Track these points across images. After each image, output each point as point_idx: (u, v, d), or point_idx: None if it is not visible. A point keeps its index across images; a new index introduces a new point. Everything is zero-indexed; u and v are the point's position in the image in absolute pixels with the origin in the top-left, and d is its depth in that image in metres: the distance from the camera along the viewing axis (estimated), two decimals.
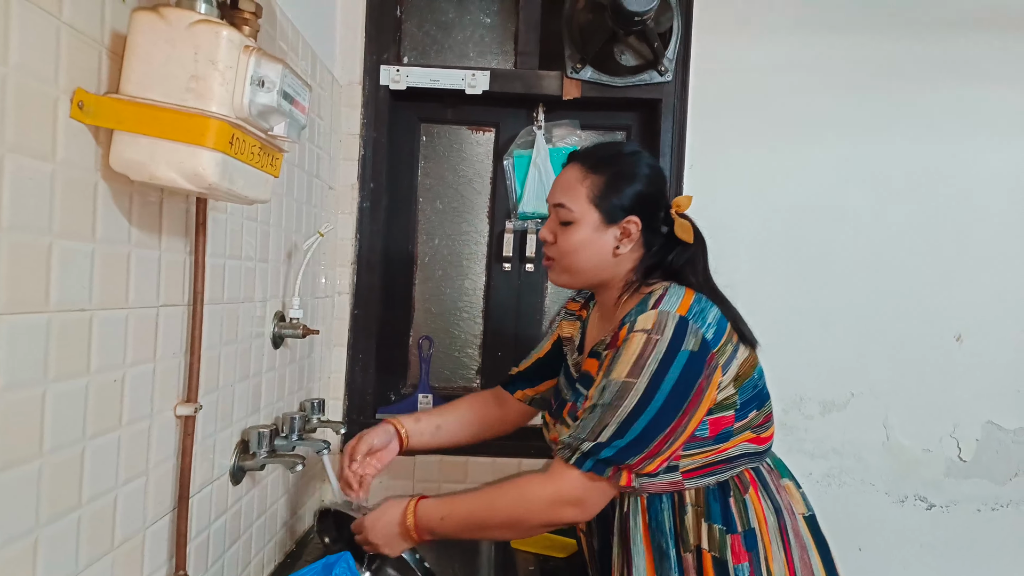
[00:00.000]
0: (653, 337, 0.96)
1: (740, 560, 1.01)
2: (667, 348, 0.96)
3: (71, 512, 0.71)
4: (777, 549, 1.04)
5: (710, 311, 1.02)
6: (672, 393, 0.95)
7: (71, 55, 0.67)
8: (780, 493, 1.10)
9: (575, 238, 1.09)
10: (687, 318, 0.98)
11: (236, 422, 1.11)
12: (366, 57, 1.69)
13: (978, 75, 1.71)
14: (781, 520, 1.06)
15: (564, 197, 1.10)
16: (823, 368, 1.72)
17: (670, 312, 0.98)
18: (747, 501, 1.05)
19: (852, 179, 1.72)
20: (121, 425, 0.79)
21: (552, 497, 1.00)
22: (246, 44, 0.72)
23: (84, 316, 0.71)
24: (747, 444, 1.05)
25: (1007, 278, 1.72)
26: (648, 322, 0.98)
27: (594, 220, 1.08)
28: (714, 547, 1.02)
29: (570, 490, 0.99)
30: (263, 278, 1.20)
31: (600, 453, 0.96)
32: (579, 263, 1.10)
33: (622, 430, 0.95)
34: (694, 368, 0.96)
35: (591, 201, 1.08)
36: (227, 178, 0.73)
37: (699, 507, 1.04)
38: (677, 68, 1.70)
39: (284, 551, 1.39)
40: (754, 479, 1.07)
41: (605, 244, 1.09)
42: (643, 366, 0.95)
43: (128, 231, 0.77)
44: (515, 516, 1.02)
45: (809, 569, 1.06)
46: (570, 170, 1.12)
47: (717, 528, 1.02)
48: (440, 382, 1.88)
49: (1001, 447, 1.73)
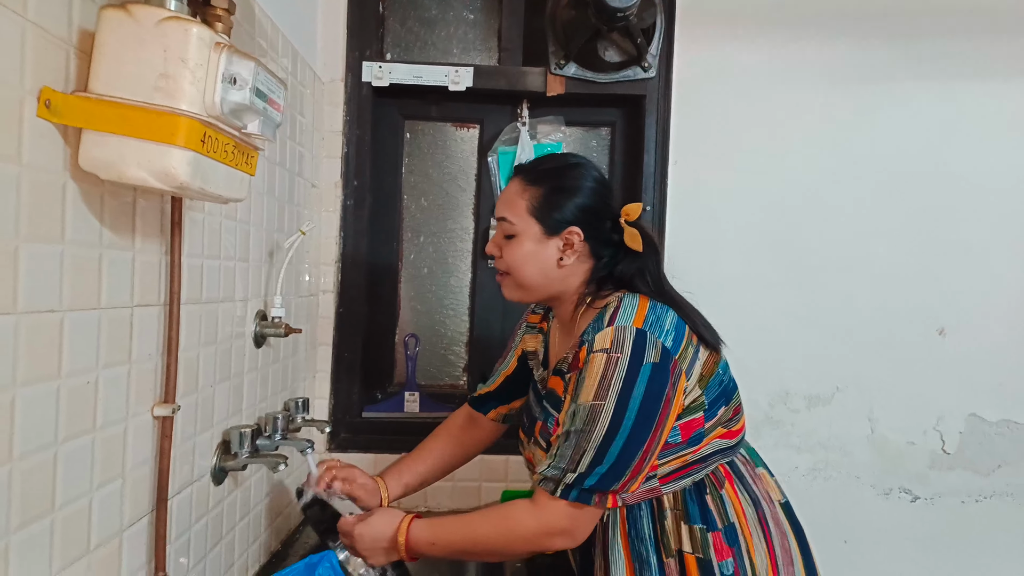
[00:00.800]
0: (613, 356, 0.96)
1: (724, 556, 1.02)
2: (629, 365, 0.96)
3: (43, 517, 0.70)
4: (758, 540, 1.05)
5: (666, 317, 1.02)
6: (641, 409, 0.95)
7: (37, 54, 0.66)
8: (756, 483, 1.11)
9: (518, 251, 1.09)
10: (644, 330, 0.98)
11: (217, 423, 1.11)
12: (348, 54, 1.68)
13: (962, 71, 1.72)
14: (759, 510, 1.07)
15: (506, 211, 1.11)
16: (808, 362, 1.73)
17: (626, 327, 0.98)
18: (724, 496, 1.05)
19: (836, 174, 1.73)
20: (95, 428, 0.78)
21: (540, 529, 1.00)
22: (217, 41, 0.71)
23: (54, 318, 0.70)
24: (719, 440, 1.06)
25: (990, 273, 1.73)
26: (606, 340, 0.98)
27: (535, 232, 1.09)
28: (696, 548, 1.02)
29: (557, 521, 0.99)
30: (244, 277, 1.19)
31: (584, 483, 0.96)
32: (526, 276, 1.10)
33: (599, 455, 0.95)
34: (659, 380, 0.96)
35: (531, 213, 1.09)
36: (199, 177, 0.72)
37: (678, 510, 1.04)
38: (661, 64, 1.69)
39: (269, 551, 1.38)
40: (729, 473, 1.08)
41: (548, 256, 1.09)
42: (608, 387, 0.96)
43: (99, 232, 0.76)
44: (504, 546, 1.04)
45: (789, 556, 1.07)
46: (512, 184, 1.13)
47: (697, 528, 1.03)
48: (427, 380, 1.88)
49: (984, 439, 1.75)
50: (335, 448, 1.68)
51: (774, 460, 1.68)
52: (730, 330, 1.17)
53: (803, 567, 1.09)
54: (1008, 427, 1.75)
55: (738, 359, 1.19)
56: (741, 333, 1.68)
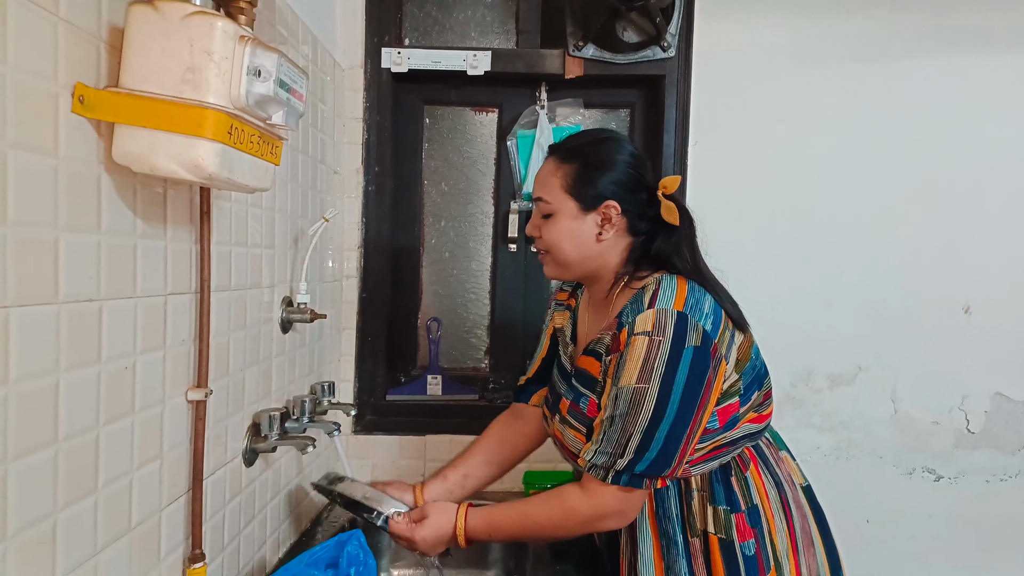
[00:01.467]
0: (656, 338, 0.96)
1: (746, 537, 1.03)
2: (671, 348, 0.95)
3: (88, 496, 0.73)
4: (780, 522, 1.06)
5: (705, 301, 1.02)
6: (685, 392, 0.95)
7: (70, 50, 0.68)
8: (780, 466, 1.12)
9: (556, 228, 1.09)
10: (685, 313, 0.97)
11: (247, 406, 1.14)
12: (367, 40, 1.69)
13: (981, 44, 1.68)
14: (782, 493, 1.08)
15: (541, 190, 1.12)
16: (831, 342, 1.72)
17: (668, 309, 0.98)
18: (748, 478, 1.07)
19: (858, 151, 1.70)
20: (134, 411, 0.81)
21: (594, 514, 1.03)
22: (241, 34, 0.73)
23: (93, 307, 0.73)
24: (749, 424, 1.06)
25: (1015, 249, 1.70)
26: (647, 323, 0.97)
27: (571, 209, 1.08)
28: (719, 528, 1.04)
29: (609, 505, 1.02)
30: (270, 264, 1.21)
31: (634, 468, 0.98)
32: (565, 253, 1.10)
33: (646, 440, 0.96)
34: (701, 363, 0.96)
35: (565, 190, 1.09)
36: (227, 167, 0.74)
37: (704, 491, 1.06)
38: (680, 44, 1.68)
39: (299, 529, 1.42)
40: (754, 455, 1.09)
41: (586, 232, 1.09)
42: (652, 369, 0.95)
43: (133, 222, 0.79)
44: (557, 530, 1.08)
45: (809, 538, 1.09)
46: (546, 163, 1.14)
47: (722, 509, 1.05)
48: (449, 363, 1.90)
49: (1010, 418, 1.73)
50: (361, 430, 1.72)
51: (796, 440, 1.70)
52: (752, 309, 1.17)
53: (824, 550, 1.10)
54: None
55: (760, 339, 1.19)
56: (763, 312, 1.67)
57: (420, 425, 1.74)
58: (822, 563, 1.09)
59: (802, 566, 1.06)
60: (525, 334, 1.86)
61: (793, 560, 1.05)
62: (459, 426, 1.72)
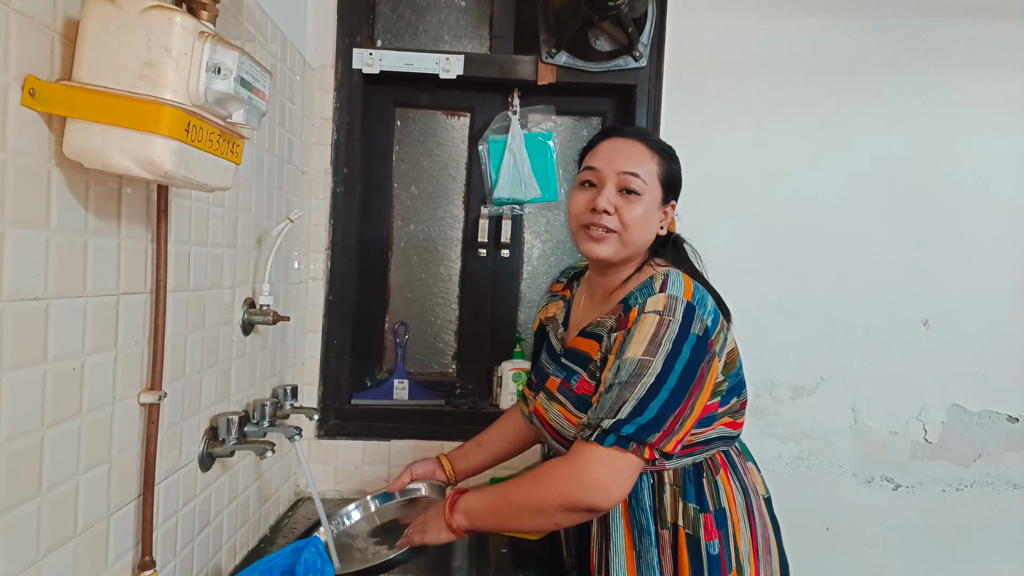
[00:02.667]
0: (666, 318, 0.98)
1: (712, 537, 1.06)
2: (679, 330, 0.98)
3: (30, 500, 0.71)
4: (744, 527, 1.09)
5: (707, 300, 1.05)
6: (683, 374, 0.97)
7: (21, 42, 0.66)
8: (747, 475, 1.15)
9: (640, 210, 1.09)
10: (693, 304, 1.01)
11: (204, 409, 1.11)
12: (338, 40, 1.67)
13: (949, 65, 1.73)
14: (748, 500, 1.11)
15: (639, 167, 1.09)
16: (793, 353, 1.75)
17: (678, 297, 1.01)
18: (718, 482, 1.10)
19: (824, 166, 1.73)
20: (81, 413, 0.79)
21: (575, 480, 0.96)
22: (201, 30, 0.72)
23: (39, 305, 0.70)
24: (723, 428, 1.10)
25: (974, 265, 1.75)
26: (659, 304, 1.00)
27: (656, 197, 1.11)
28: (688, 525, 1.06)
29: (592, 470, 0.96)
30: (231, 264, 1.19)
31: (621, 429, 0.95)
32: (640, 235, 1.10)
33: (641, 407, 0.95)
34: (700, 351, 0.99)
35: (659, 178, 1.11)
36: (184, 165, 0.73)
37: (676, 486, 1.08)
38: (652, 54, 1.69)
39: (258, 536, 1.39)
40: (724, 461, 1.12)
41: (655, 223, 1.13)
42: (659, 344, 0.97)
43: (85, 219, 0.77)
44: (539, 503, 0.99)
45: (768, 546, 1.12)
46: (631, 144, 1.12)
47: (692, 507, 1.07)
48: (416, 367, 1.89)
49: (966, 430, 1.77)
50: (324, 435, 1.69)
51: (759, 449, 1.72)
52: None
53: (778, 560, 1.14)
54: (990, 417, 1.77)
55: None
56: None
57: (385, 430, 1.72)
58: (775, 571, 1.12)
59: (761, 571, 1.09)
60: (493, 340, 1.86)
61: (754, 564, 1.08)
62: (425, 431, 1.70)
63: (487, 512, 1.05)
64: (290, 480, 1.60)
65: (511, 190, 1.74)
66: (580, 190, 1.13)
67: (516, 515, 1.03)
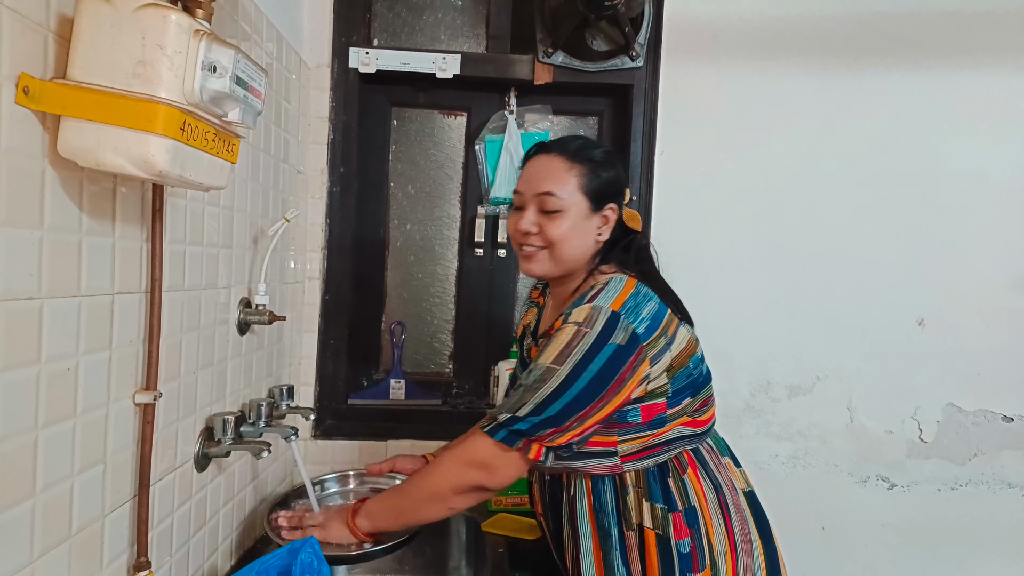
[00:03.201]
0: (583, 330, 1.00)
1: (682, 536, 1.06)
2: (594, 341, 0.99)
3: (24, 501, 0.71)
4: (718, 523, 1.08)
5: (646, 306, 1.05)
6: (592, 381, 0.99)
7: (14, 40, 0.66)
8: (720, 471, 1.14)
9: (565, 226, 1.10)
10: (619, 313, 1.01)
11: (200, 409, 1.11)
12: (335, 39, 1.67)
13: (941, 63, 1.73)
14: (721, 496, 1.10)
15: (553, 185, 1.11)
16: (789, 352, 1.75)
17: (603, 307, 1.02)
18: (686, 480, 1.09)
19: (820, 165, 1.74)
20: (76, 414, 0.78)
21: (461, 457, 1.06)
22: (196, 28, 0.71)
23: (33, 305, 0.70)
24: (683, 428, 1.09)
25: (969, 264, 1.75)
26: (581, 315, 1.02)
27: (582, 208, 1.11)
28: (657, 525, 1.06)
29: (478, 452, 1.05)
30: (227, 264, 1.19)
31: (513, 425, 1.01)
32: (569, 251, 1.11)
33: (539, 409, 1.00)
34: (618, 360, 1.00)
35: (580, 189, 1.11)
36: (178, 165, 0.72)
37: (640, 488, 1.08)
38: (648, 53, 1.69)
39: (254, 536, 1.39)
40: (692, 459, 1.12)
41: (590, 232, 1.12)
42: (568, 355, 1.00)
43: (79, 218, 0.76)
44: (432, 486, 1.08)
45: (748, 541, 1.11)
46: (550, 160, 1.13)
47: (659, 507, 1.07)
48: (412, 367, 1.88)
49: (961, 429, 1.78)
50: (320, 435, 1.69)
51: (755, 448, 1.73)
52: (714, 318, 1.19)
53: (763, 552, 1.12)
54: (985, 417, 1.78)
55: (721, 347, 1.22)
56: (724, 321, 1.72)
57: (382, 430, 1.72)
58: (758, 565, 1.11)
59: (739, 567, 1.08)
60: (490, 339, 1.86)
61: (731, 561, 1.07)
62: (422, 431, 1.70)
63: (387, 510, 1.13)
64: (286, 480, 1.59)
65: (508, 190, 1.74)
66: (512, 213, 1.17)
67: (415, 507, 1.11)
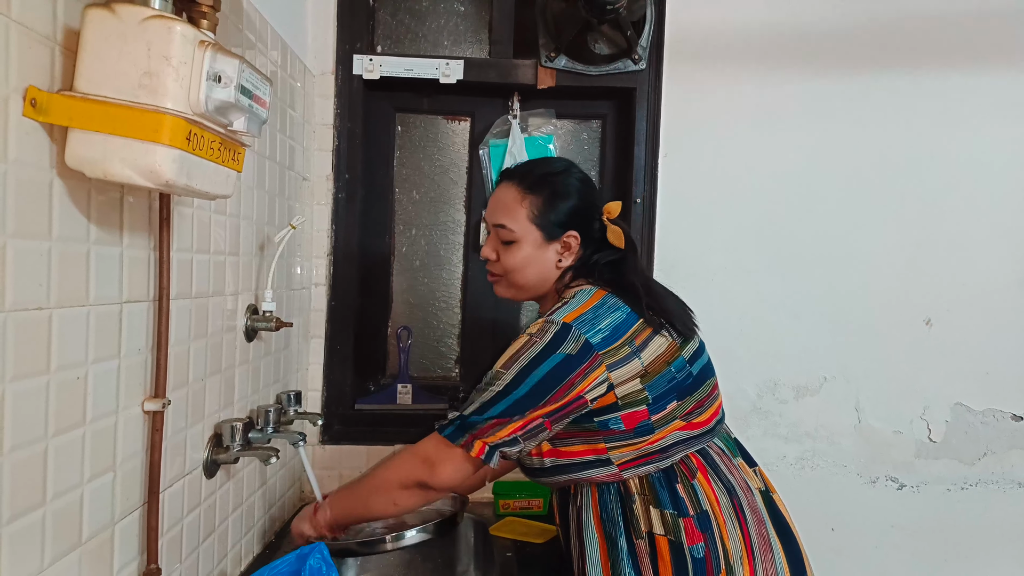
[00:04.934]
0: (533, 339, 1.05)
1: (695, 541, 1.04)
2: (541, 351, 1.04)
3: (35, 510, 0.71)
4: (732, 527, 1.06)
5: (607, 317, 1.07)
6: (535, 387, 1.03)
7: (22, 53, 0.66)
8: (732, 472, 1.12)
9: (518, 256, 1.15)
10: (571, 325, 1.05)
11: (208, 416, 1.12)
12: (339, 46, 1.68)
13: (945, 65, 1.73)
14: (735, 499, 1.08)
15: (504, 218, 1.15)
16: (796, 353, 1.75)
17: (555, 320, 1.06)
18: (696, 486, 1.07)
19: (825, 165, 1.73)
20: (85, 422, 0.79)
21: (409, 452, 1.12)
22: (201, 39, 0.72)
23: (42, 315, 0.71)
24: (680, 432, 1.08)
25: (975, 263, 1.75)
26: (535, 327, 1.07)
27: (536, 238, 1.15)
28: (669, 531, 1.04)
29: (425, 448, 1.10)
30: (234, 271, 1.19)
31: (458, 422, 1.07)
32: (524, 279, 1.17)
33: (482, 408, 1.05)
34: (566, 368, 1.03)
35: (531, 220, 1.15)
36: (185, 174, 0.73)
37: (646, 495, 1.07)
38: (651, 57, 1.70)
39: (263, 542, 1.39)
40: (701, 463, 1.10)
41: (548, 259, 1.16)
42: (514, 361, 1.05)
43: (87, 228, 0.77)
44: (380, 478, 1.13)
45: (767, 543, 1.08)
46: (506, 190, 1.17)
47: (668, 513, 1.05)
48: (419, 372, 1.89)
49: (970, 428, 1.77)
50: (328, 440, 1.69)
51: (762, 450, 1.72)
52: (719, 320, 1.20)
53: (784, 554, 1.09)
54: (993, 416, 1.77)
55: (727, 349, 1.22)
56: (730, 323, 1.71)
57: (389, 435, 1.72)
58: (781, 567, 1.08)
59: (758, 571, 1.05)
60: (496, 343, 1.86)
61: (748, 565, 1.05)
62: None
63: (341, 500, 1.18)
64: (295, 486, 1.60)
65: None
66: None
67: (363, 499, 1.15)
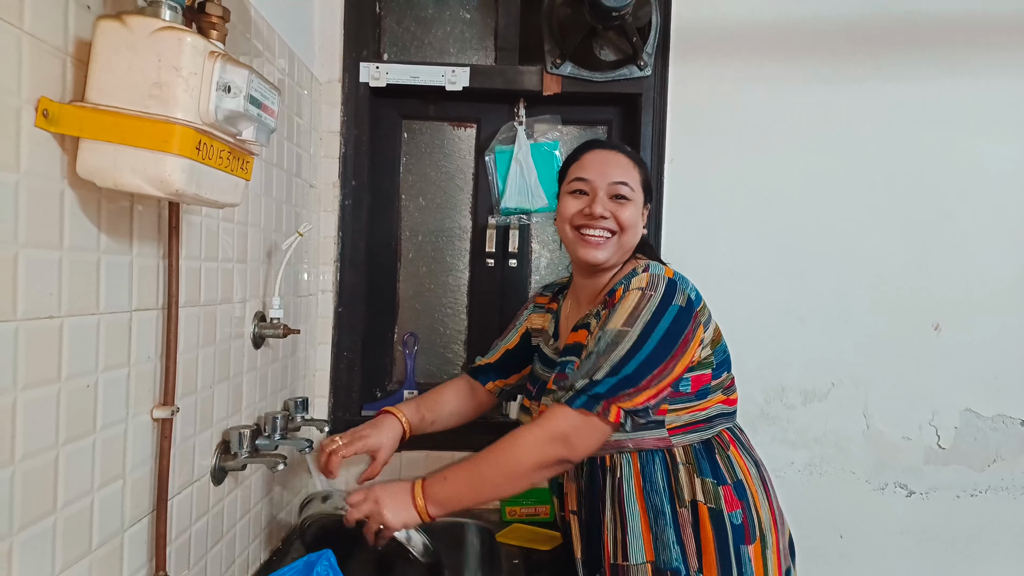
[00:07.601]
0: (647, 293, 1.08)
1: (733, 508, 1.11)
2: (659, 302, 1.07)
3: (45, 517, 0.72)
4: (762, 497, 1.15)
5: (688, 280, 1.15)
6: (663, 340, 1.05)
7: (34, 64, 0.67)
8: (753, 450, 1.22)
9: (632, 213, 1.19)
10: (675, 280, 1.11)
11: (216, 423, 1.12)
12: (345, 54, 1.69)
13: (951, 68, 1.72)
14: (761, 471, 1.18)
15: (627, 176, 1.20)
16: (804, 359, 1.74)
17: (660, 275, 1.11)
18: (731, 456, 1.15)
19: (831, 170, 1.73)
20: (95, 430, 0.79)
21: (541, 434, 1.05)
22: (211, 50, 0.72)
23: (53, 324, 0.71)
24: (720, 405, 1.16)
25: (984, 267, 1.74)
26: (642, 282, 1.09)
27: (640, 202, 1.22)
28: (709, 499, 1.10)
29: (558, 424, 1.04)
30: (242, 279, 1.20)
31: (592, 390, 1.03)
32: (632, 238, 1.20)
33: (615, 370, 1.03)
34: (683, 320, 1.07)
35: (642, 185, 1.22)
36: (194, 183, 0.73)
37: (689, 464, 1.12)
38: (656, 62, 1.70)
39: (270, 549, 1.40)
40: (732, 438, 1.18)
41: (641, 223, 1.23)
42: (637, 316, 1.06)
43: (97, 237, 0.78)
44: (513, 464, 1.05)
45: (782, 517, 1.19)
46: (615, 155, 1.22)
47: (709, 482, 1.11)
48: (426, 378, 1.89)
49: (979, 434, 1.76)
50: None
51: (770, 456, 1.69)
52: (726, 325, 1.21)
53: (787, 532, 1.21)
54: (1003, 422, 1.76)
55: (734, 354, 1.22)
56: (737, 328, 1.69)
57: None
58: (784, 541, 1.18)
59: (781, 541, 1.15)
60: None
61: (775, 533, 1.13)
62: (435, 442, 1.70)
63: (463, 494, 1.09)
64: (302, 493, 1.60)
65: (518, 200, 1.75)
66: (572, 196, 1.21)
67: (495, 487, 1.08)
